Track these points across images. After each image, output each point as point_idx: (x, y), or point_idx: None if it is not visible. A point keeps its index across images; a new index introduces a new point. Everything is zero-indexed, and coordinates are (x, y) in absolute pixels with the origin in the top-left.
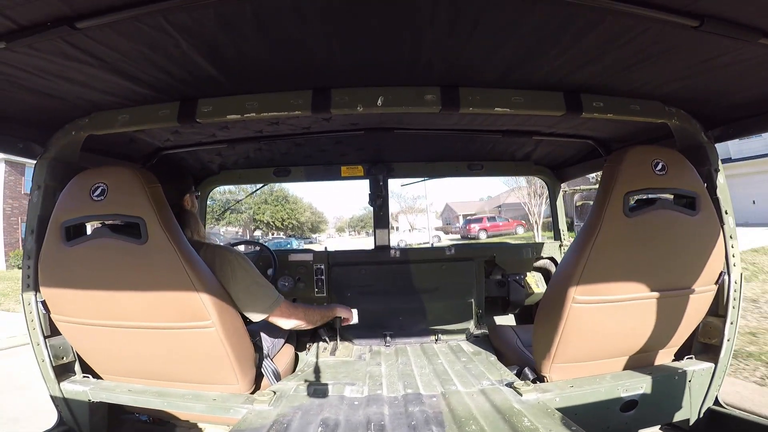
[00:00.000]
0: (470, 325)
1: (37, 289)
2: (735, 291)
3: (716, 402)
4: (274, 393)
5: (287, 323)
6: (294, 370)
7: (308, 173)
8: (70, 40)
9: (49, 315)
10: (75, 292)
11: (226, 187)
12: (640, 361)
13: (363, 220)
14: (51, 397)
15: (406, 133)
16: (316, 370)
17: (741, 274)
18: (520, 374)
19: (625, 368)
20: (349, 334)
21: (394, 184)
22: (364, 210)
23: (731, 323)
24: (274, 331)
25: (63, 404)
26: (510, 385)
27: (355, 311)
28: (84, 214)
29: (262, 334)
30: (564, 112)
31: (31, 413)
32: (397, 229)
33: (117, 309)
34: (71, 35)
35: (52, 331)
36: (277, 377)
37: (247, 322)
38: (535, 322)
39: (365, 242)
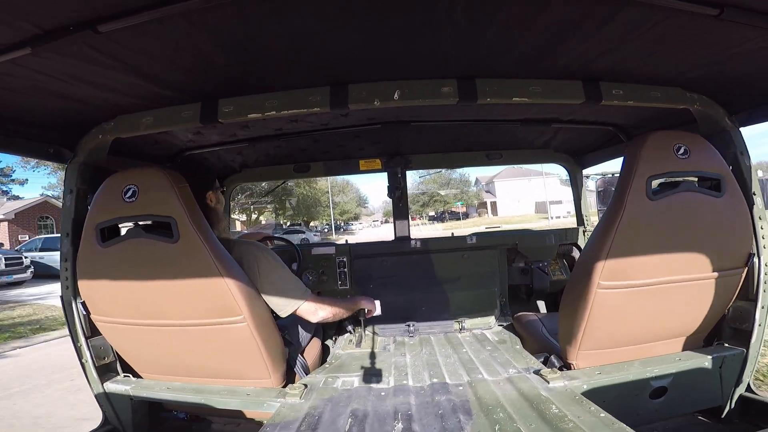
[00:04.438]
0: (494, 313)
1: (76, 291)
2: (766, 274)
3: (748, 388)
4: (305, 386)
5: (314, 316)
6: (322, 363)
7: (327, 168)
8: (93, 44)
9: (89, 316)
10: (112, 291)
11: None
12: (668, 347)
13: (418, 200)
14: (95, 397)
15: (423, 126)
16: (343, 363)
17: None
18: (546, 362)
19: (653, 354)
20: (373, 325)
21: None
22: (417, 192)
23: (762, 307)
24: (302, 324)
25: (107, 404)
26: (537, 372)
27: (378, 302)
28: (117, 215)
29: (291, 329)
30: (583, 101)
31: None
32: (491, 209)
33: (152, 307)
34: (94, 39)
35: (92, 331)
36: (306, 370)
37: (276, 317)
38: (560, 308)
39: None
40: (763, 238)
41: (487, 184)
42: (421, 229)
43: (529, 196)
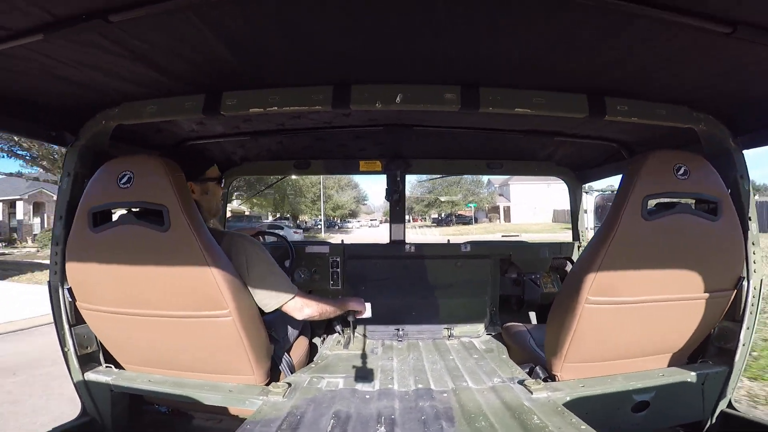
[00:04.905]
0: (484, 322)
1: (64, 276)
2: (753, 297)
3: (730, 405)
4: (289, 385)
5: (300, 314)
6: (308, 362)
7: (327, 167)
8: (103, 33)
9: (74, 303)
10: (99, 278)
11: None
12: (653, 363)
13: (423, 200)
14: (75, 386)
15: (425, 130)
16: (330, 363)
17: (761, 281)
18: (531, 372)
19: (638, 369)
20: (363, 327)
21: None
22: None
23: (747, 328)
24: (290, 322)
25: (86, 394)
26: (521, 383)
27: (368, 305)
28: (111, 200)
29: (278, 325)
30: (586, 115)
31: None
32: (504, 214)
33: (138, 297)
34: (105, 27)
35: (77, 319)
36: (292, 369)
37: (262, 313)
38: (548, 320)
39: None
40: (755, 262)
41: (500, 187)
42: (417, 233)
43: (547, 203)
